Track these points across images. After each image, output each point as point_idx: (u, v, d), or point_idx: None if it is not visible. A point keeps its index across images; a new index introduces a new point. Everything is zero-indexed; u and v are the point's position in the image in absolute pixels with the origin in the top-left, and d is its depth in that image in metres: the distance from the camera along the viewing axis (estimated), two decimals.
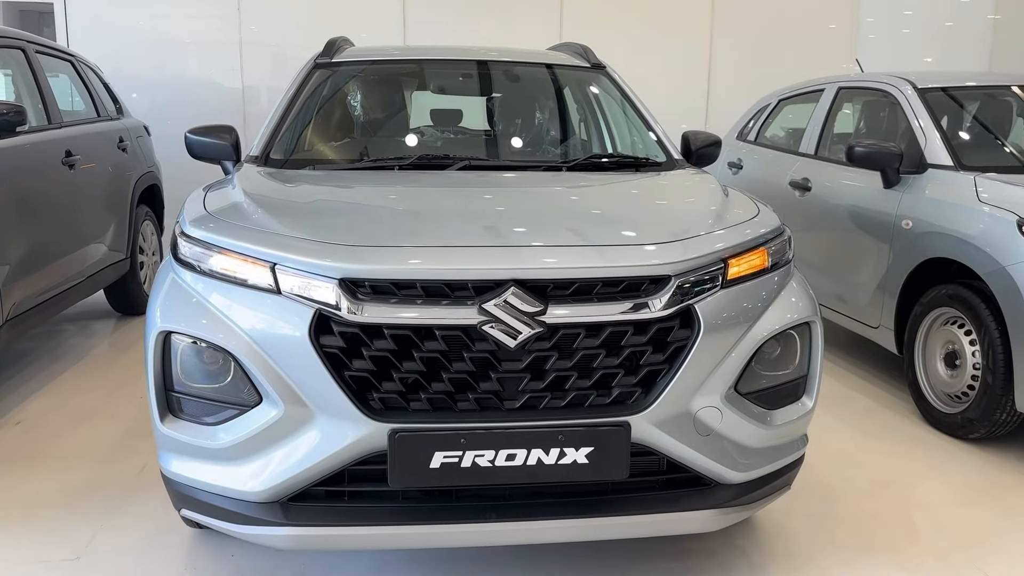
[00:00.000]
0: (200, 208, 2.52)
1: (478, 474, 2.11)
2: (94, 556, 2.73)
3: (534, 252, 2.21)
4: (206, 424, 2.24)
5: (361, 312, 2.09)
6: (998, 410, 3.56)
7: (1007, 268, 3.45)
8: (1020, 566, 2.72)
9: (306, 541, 2.20)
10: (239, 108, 7.34)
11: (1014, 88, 4.69)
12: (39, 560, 2.71)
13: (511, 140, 3.63)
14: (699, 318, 2.20)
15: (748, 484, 2.34)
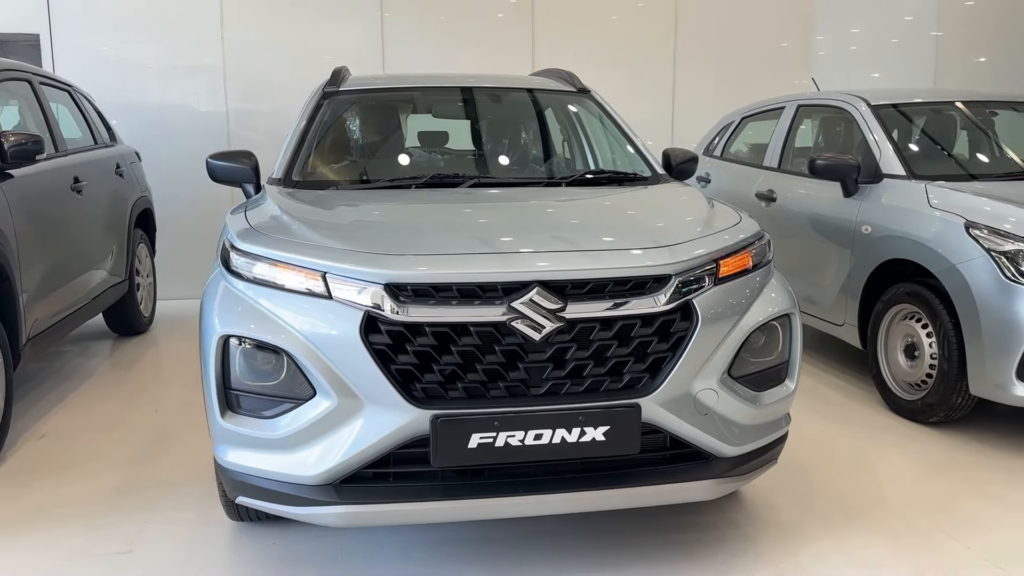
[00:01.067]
0: (245, 224, 2.79)
1: (510, 452, 2.40)
2: (145, 548, 2.96)
3: (554, 256, 2.51)
4: (264, 417, 2.50)
5: (404, 312, 2.38)
6: (954, 395, 3.93)
7: (957, 266, 3.84)
8: (981, 530, 3.06)
9: (357, 518, 2.47)
10: (223, 132, 7.55)
11: (957, 103, 5.12)
12: (93, 554, 2.93)
13: (512, 160, 3.95)
14: (697, 311, 2.52)
15: (741, 457, 2.66)
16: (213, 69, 7.43)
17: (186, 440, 3.99)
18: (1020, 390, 3.65)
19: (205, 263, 7.42)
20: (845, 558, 2.85)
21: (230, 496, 2.69)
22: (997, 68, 8.72)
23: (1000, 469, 3.63)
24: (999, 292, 3.67)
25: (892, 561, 2.84)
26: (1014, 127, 5.24)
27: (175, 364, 5.37)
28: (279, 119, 7.48)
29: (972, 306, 3.77)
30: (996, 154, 4.93)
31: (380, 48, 7.67)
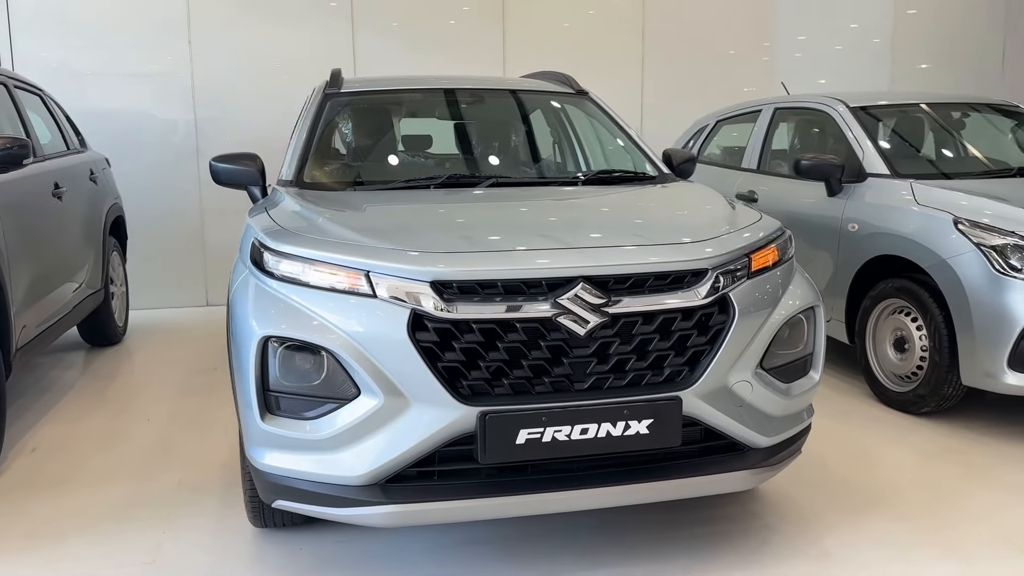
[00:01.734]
0: (275, 225, 2.75)
1: (557, 447, 2.42)
2: (168, 558, 2.89)
3: (597, 252, 2.54)
4: (305, 419, 2.46)
5: (451, 310, 2.37)
6: (946, 385, 4.06)
7: (948, 261, 3.98)
8: (988, 511, 3.18)
9: (404, 517, 2.45)
10: (191, 139, 7.42)
11: (923, 105, 5.30)
12: (116, 567, 2.85)
13: (522, 160, 3.97)
14: (733, 304, 2.57)
15: (773, 448, 2.71)
16: (180, 76, 7.30)
17: (188, 450, 3.91)
18: (1012, 379, 3.79)
19: (174, 272, 7.33)
20: (871, 543, 2.93)
21: (266, 500, 2.64)
22: (939, 74, 9.04)
23: (993, 454, 3.76)
24: (990, 285, 3.81)
25: (916, 543, 2.93)
26: (983, 128, 5.45)
27: (157, 374, 5.24)
28: (248, 126, 7.40)
29: (963, 299, 3.90)
30: (969, 154, 5.12)
31: (351, 53, 7.62)
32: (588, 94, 4.18)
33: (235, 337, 2.62)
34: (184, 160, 7.42)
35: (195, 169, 7.46)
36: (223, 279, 7.34)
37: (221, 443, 4.00)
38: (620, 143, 3.93)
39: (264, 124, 7.44)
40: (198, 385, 4.99)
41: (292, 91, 7.41)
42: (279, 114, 7.42)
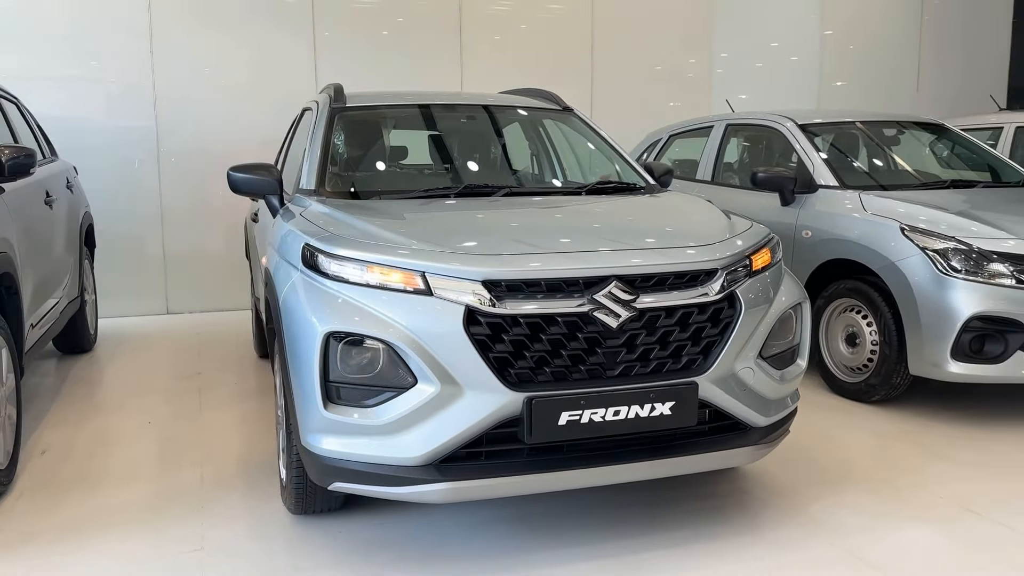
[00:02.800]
0: (322, 231, 2.98)
1: (593, 428, 2.72)
2: (215, 545, 3.06)
3: (626, 254, 2.85)
4: (366, 406, 2.70)
5: (501, 305, 2.65)
6: (895, 375, 4.53)
7: (896, 263, 4.44)
8: (944, 483, 3.61)
9: (458, 493, 2.71)
10: (152, 149, 7.46)
11: (859, 122, 5.82)
12: (165, 555, 3.00)
13: (527, 171, 4.27)
14: (740, 300, 2.92)
15: (770, 427, 3.07)
16: (142, 83, 7.34)
17: (198, 449, 4.06)
18: (955, 367, 4.26)
19: (134, 280, 7.32)
20: (848, 511, 3.32)
21: (321, 483, 2.85)
22: (852, 91, 9.74)
23: (938, 435, 4.22)
24: (935, 284, 4.28)
25: (887, 511, 3.32)
26: (913, 144, 6.01)
27: (141, 380, 5.33)
28: (210, 133, 7.50)
29: (911, 297, 4.36)
30: (904, 167, 5.65)
31: (312, 64, 7.79)
32: (573, 111, 4.51)
33: (292, 334, 2.83)
34: (145, 167, 7.47)
35: (155, 176, 7.51)
36: (184, 287, 7.47)
37: (230, 441, 4.16)
38: (608, 156, 4.27)
39: (226, 131, 7.57)
40: (186, 389, 5.10)
41: (254, 98, 7.59)
42: (242, 121, 7.57)
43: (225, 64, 7.56)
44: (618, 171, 4.21)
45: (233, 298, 7.67)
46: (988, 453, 3.99)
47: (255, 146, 7.64)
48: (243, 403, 4.84)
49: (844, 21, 9.71)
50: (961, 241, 4.28)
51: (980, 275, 4.21)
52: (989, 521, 3.25)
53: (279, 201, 3.74)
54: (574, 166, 4.50)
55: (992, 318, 4.18)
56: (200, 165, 7.62)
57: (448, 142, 4.38)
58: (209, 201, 7.65)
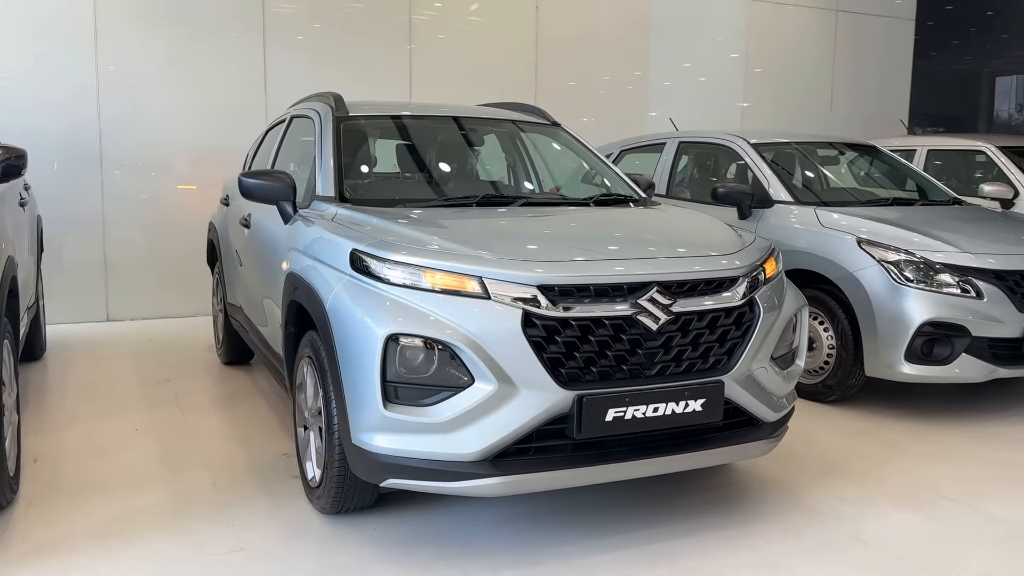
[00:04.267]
0: (367, 236, 3.07)
1: (636, 423, 2.92)
2: (254, 546, 3.10)
3: (665, 262, 3.07)
4: (423, 405, 2.82)
5: (555, 309, 2.83)
6: (851, 377, 4.91)
7: (854, 273, 4.83)
8: (911, 471, 3.97)
9: (512, 487, 2.85)
10: (96, 148, 7.25)
11: (802, 142, 6.26)
12: (208, 555, 3.03)
13: (532, 181, 4.44)
14: (759, 305, 3.18)
15: (778, 422, 3.34)
16: (86, 85, 7.14)
17: (199, 455, 4.05)
18: (907, 369, 4.67)
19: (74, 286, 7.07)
20: (837, 499, 3.63)
21: (374, 480, 2.94)
22: (770, 112, 10.34)
23: (896, 431, 4.61)
24: (890, 293, 4.68)
25: (871, 497, 3.65)
26: (853, 164, 6.50)
27: (108, 387, 5.21)
28: (155, 137, 7.35)
29: (868, 305, 4.76)
30: (848, 185, 6.12)
31: (262, 72, 7.74)
32: (561, 125, 4.72)
33: (344, 336, 2.92)
34: (87, 171, 7.25)
35: (98, 180, 7.31)
36: (126, 294, 7.26)
37: (229, 445, 4.17)
38: (599, 170, 4.50)
39: (173, 136, 7.44)
40: (161, 396, 5.03)
41: (202, 103, 7.49)
42: (189, 126, 7.45)
43: (173, 68, 7.42)
44: (608, 184, 4.43)
45: (179, 305, 7.53)
46: (938, 444, 4.40)
47: (203, 152, 7.56)
48: (227, 408, 4.82)
49: (764, 49, 10.29)
50: (913, 253, 4.71)
51: (930, 285, 4.64)
52: (959, 504, 3.61)
53: (292, 207, 3.79)
54: (569, 179, 4.70)
55: (941, 324, 4.61)
56: (146, 170, 7.46)
57: (456, 153, 4.51)
58: (154, 207, 7.50)
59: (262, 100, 7.73)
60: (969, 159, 8.13)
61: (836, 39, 10.65)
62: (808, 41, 10.59)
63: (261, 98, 7.75)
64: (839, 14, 10.63)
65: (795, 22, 10.44)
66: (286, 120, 4.89)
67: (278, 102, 7.49)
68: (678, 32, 9.83)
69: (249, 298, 4.67)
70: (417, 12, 8.31)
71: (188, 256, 7.28)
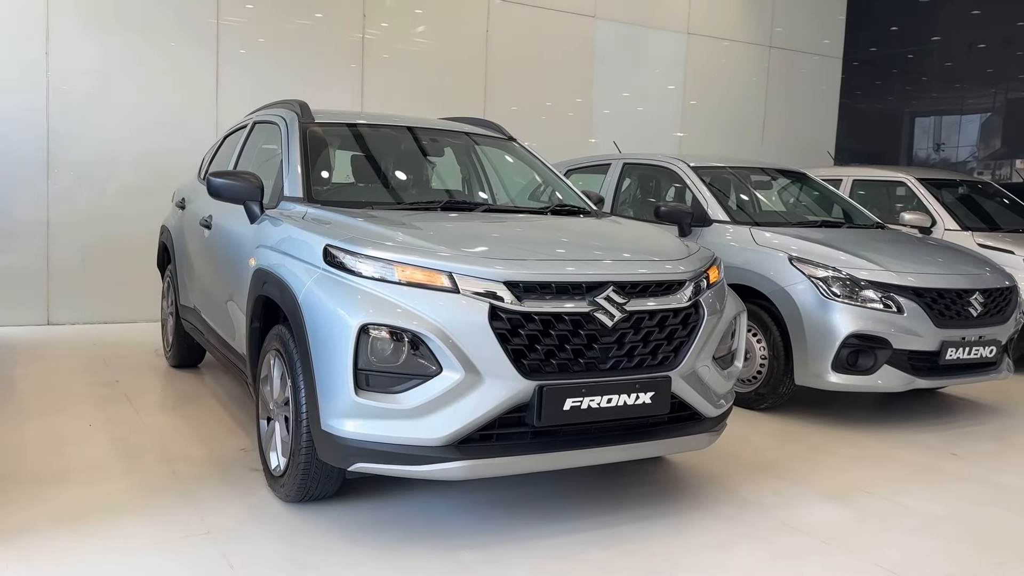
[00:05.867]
0: (339, 233, 3.24)
1: (590, 413, 3.13)
2: (222, 529, 3.20)
3: (620, 264, 3.31)
4: (392, 392, 2.98)
5: (519, 304, 3.03)
6: (781, 386, 5.23)
7: (786, 288, 5.16)
8: (835, 471, 4.27)
9: (476, 471, 3.03)
10: (43, 151, 7.21)
11: (737, 167, 6.63)
12: (176, 537, 3.11)
13: (491, 190, 4.65)
14: (703, 307, 3.44)
15: (718, 417, 3.60)
16: (35, 87, 7.11)
17: (156, 448, 4.12)
18: (834, 378, 5.00)
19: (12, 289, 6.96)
20: (770, 493, 3.90)
21: (342, 464, 3.09)
22: (692, 142, 10.74)
23: (822, 435, 4.93)
24: (819, 307, 5.02)
25: (800, 492, 3.93)
26: (784, 188, 6.89)
27: (57, 385, 5.22)
28: (104, 140, 7.36)
29: (798, 317, 5.09)
30: (780, 207, 6.50)
31: (214, 82, 7.81)
32: (516, 140, 4.95)
33: (317, 327, 3.07)
34: (33, 173, 7.20)
35: (44, 183, 7.26)
36: (68, 298, 7.21)
37: (185, 440, 4.24)
38: (551, 182, 4.74)
39: (120, 140, 7.44)
40: (112, 396, 5.06)
41: (153, 107, 7.52)
42: (136, 131, 7.47)
43: (124, 75, 7.44)
44: (561, 196, 4.67)
45: (122, 310, 7.51)
46: (861, 447, 4.73)
47: (151, 158, 7.58)
48: (180, 407, 4.88)
49: (701, 82, 10.76)
50: (839, 270, 5.06)
51: (855, 300, 4.99)
52: (880, 498, 3.92)
53: (259, 207, 3.92)
54: (523, 190, 4.93)
55: (865, 336, 4.96)
56: (93, 173, 7.44)
57: (418, 161, 4.70)
58: (101, 211, 7.47)
59: (213, 108, 7.80)
60: (891, 190, 8.67)
61: (769, 74, 11.20)
62: (743, 75, 11.11)
63: (212, 106, 7.82)
64: (772, 50, 11.19)
65: (730, 57, 10.96)
66: (247, 126, 5.02)
67: (229, 111, 7.57)
68: (620, 62, 10.22)
69: (207, 298, 4.76)
70: (371, 29, 8.49)
71: (133, 261, 7.29)
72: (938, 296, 5.12)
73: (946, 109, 16.51)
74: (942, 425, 5.30)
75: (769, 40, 11.16)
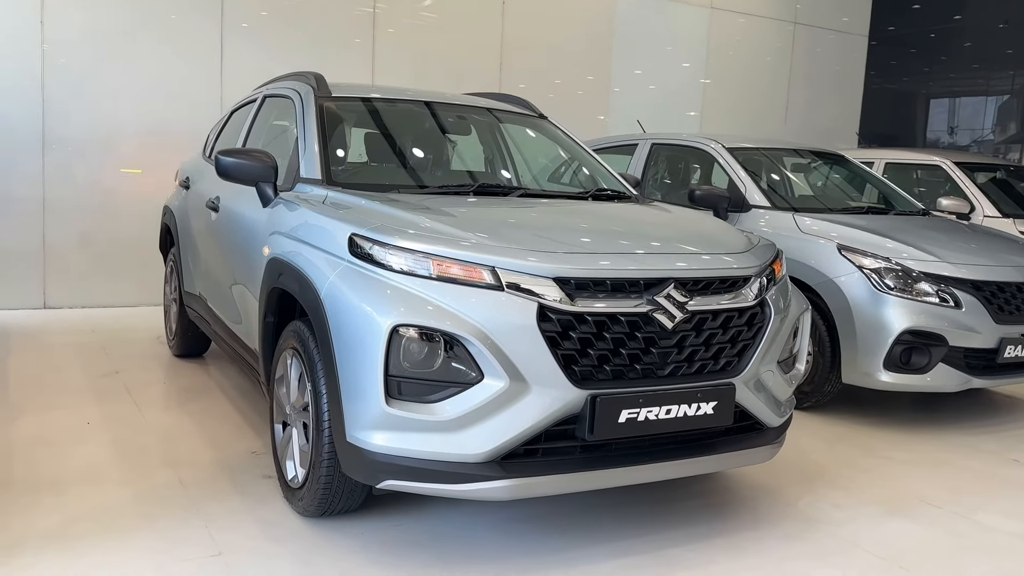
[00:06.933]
0: (367, 221, 2.88)
1: (647, 425, 2.79)
2: (233, 550, 2.87)
3: (682, 258, 2.96)
4: (428, 401, 2.63)
5: (572, 303, 2.68)
6: (827, 384, 4.89)
7: (834, 280, 4.81)
8: (894, 478, 3.95)
9: (521, 490, 2.68)
10: (38, 128, 6.83)
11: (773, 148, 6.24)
12: (181, 559, 2.79)
13: (522, 174, 4.28)
14: (770, 306, 3.09)
15: (780, 427, 3.26)
16: (30, 59, 6.72)
17: (160, 451, 3.81)
18: (885, 377, 4.66)
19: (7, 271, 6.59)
20: (831, 506, 3.57)
21: (370, 481, 2.75)
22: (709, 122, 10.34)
23: (874, 437, 4.59)
24: (871, 300, 4.67)
25: (860, 504, 3.60)
26: (822, 172, 6.53)
27: (53, 376, 4.88)
28: (102, 115, 6.99)
29: (848, 312, 4.74)
30: (822, 192, 6.13)
31: (219, 55, 7.42)
32: (547, 118, 4.58)
33: (344, 327, 2.72)
34: (28, 151, 6.83)
35: (39, 162, 6.89)
36: (65, 281, 6.85)
37: (191, 442, 3.92)
38: (589, 165, 4.37)
39: (119, 115, 7.07)
40: (111, 389, 4.72)
41: (154, 82, 7.13)
42: (136, 106, 7.09)
43: (124, 46, 7.04)
44: (597, 179, 4.31)
45: (123, 294, 7.16)
46: (913, 451, 4.40)
47: (152, 134, 7.22)
48: (185, 403, 4.55)
49: (722, 60, 10.33)
50: (893, 261, 4.71)
51: (910, 293, 4.64)
52: (948, 512, 3.59)
53: (273, 189, 3.57)
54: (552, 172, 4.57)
55: (920, 332, 4.61)
56: (92, 152, 7.06)
57: (445, 140, 4.33)
58: (99, 191, 7.11)
59: (217, 82, 7.41)
60: (921, 173, 8.29)
61: (793, 52, 10.78)
62: (766, 53, 10.69)
63: (216, 80, 7.43)
64: (796, 27, 10.76)
65: (753, 32, 10.53)
66: (257, 100, 4.65)
67: (234, 85, 7.20)
68: (637, 39, 9.79)
69: (214, 287, 4.41)
70: (380, 3, 8.08)
71: (135, 243, 6.95)
72: (998, 289, 4.77)
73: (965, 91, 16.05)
74: (995, 427, 4.98)
75: (794, 16, 10.73)
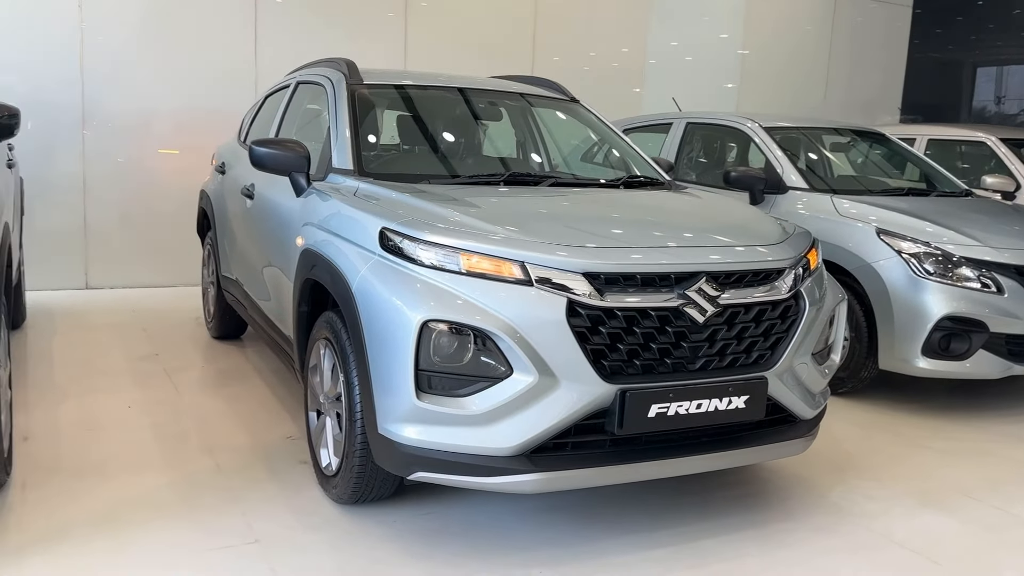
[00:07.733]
0: (398, 214, 2.89)
1: (678, 420, 2.78)
2: (270, 537, 2.93)
3: (714, 251, 2.93)
4: (457, 395, 2.65)
5: (602, 298, 2.67)
6: (863, 370, 4.83)
7: (872, 264, 4.73)
8: (932, 468, 3.90)
9: (550, 484, 2.71)
10: (78, 109, 6.93)
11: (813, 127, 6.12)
12: (222, 547, 2.85)
13: (557, 160, 4.26)
14: (804, 298, 3.06)
15: (813, 419, 3.23)
16: (69, 41, 6.79)
17: (198, 437, 3.87)
18: (923, 363, 4.59)
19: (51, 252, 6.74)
20: (864, 497, 3.54)
21: (401, 473, 2.79)
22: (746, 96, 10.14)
23: (912, 425, 4.54)
24: (909, 285, 4.59)
25: (894, 496, 3.57)
26: (862, 151, 6.40)
27: (93, 360, 4.98)
28: (139, 97, 7.05)
29: (886, 297, 4.66)
30: (861, 173, 6.01)
31: (253, 34, 7.44)
32: (579, 102, 4.54)
33: (376, 321, 2.74)
34: (68, 132, 6.93)
35: (79, 141, 6.99)
36: (107, 261, 6.97)
37: (229, 427, 3.99)
38: (621, 150, 4.33)
39: (158, 96, 7.13)
40: (151, 372, 4.81)
41: (191, 63, 7.18)
42: (174, 86, 7.15)
43: (161, 26, 7.09)
44: (629, 164, 4.27)
45: (163, 274, 7.27)
46: (953, 440, 4.34)
47: (191, 115, 7.27)
48: (223, 387, 4.63)
49: (760, 31, 10.13)
50: (933, 245, 4.61)
51: (950, 278, 4.55)
52: (987, 506, 3.54)
53: (306, 179, 3.59)
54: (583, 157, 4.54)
55: (960, 319, 4.53)
56: (131, 133, 7.14)
57: (479, 128, 4.31)
58: (138, 171, 7.19)
59: (252, 63, 7.44)
60: (965, 149, 8.08)
61: (834, 21, 10.53)
62: (806, 22, 10.46)
63: (251, 61, 7.46)
64: None
65: (794, 2, 10.30)
66: (290, 86, 4.66)
67: (269, 66, 7.22)
68: (673, 9, 9.63)
69: (250, 273, 4.46)
70: None
71: (173, 223, 7.03)
72: None
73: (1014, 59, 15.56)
74: None
75: None
